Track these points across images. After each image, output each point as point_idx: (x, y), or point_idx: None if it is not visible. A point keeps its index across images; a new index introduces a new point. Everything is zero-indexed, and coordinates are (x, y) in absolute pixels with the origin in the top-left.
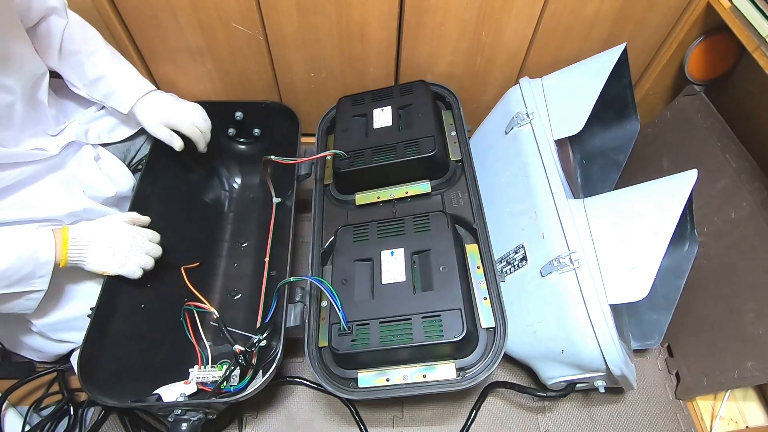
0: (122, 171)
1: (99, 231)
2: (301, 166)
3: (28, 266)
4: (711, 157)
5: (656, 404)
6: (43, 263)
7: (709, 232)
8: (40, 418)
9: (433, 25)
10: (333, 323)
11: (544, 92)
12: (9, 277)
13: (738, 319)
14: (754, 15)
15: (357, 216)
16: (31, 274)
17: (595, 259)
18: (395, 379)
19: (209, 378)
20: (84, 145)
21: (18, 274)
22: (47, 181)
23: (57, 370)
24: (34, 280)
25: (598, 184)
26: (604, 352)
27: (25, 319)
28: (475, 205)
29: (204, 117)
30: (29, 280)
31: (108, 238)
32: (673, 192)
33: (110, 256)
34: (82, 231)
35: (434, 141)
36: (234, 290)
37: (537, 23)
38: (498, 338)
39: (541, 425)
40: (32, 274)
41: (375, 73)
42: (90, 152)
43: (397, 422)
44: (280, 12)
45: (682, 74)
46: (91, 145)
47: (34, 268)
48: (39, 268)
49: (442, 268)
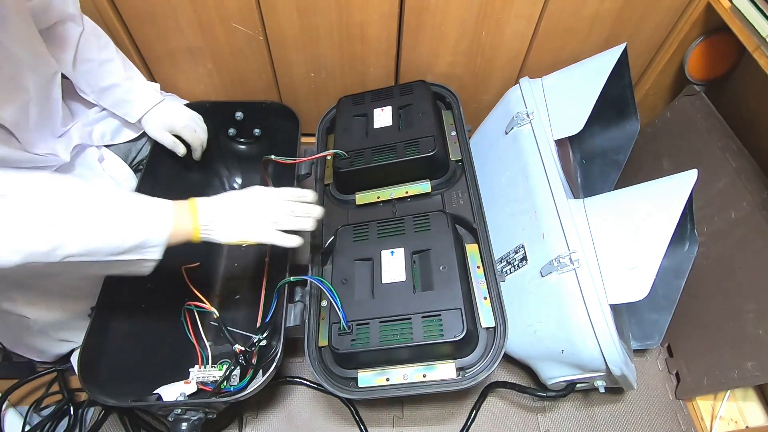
0: (126, 172)
1: (225, 201)
2: (301, 165)
3: (140, 237)
4: (711, 157)
5: (656, 404)
6: (156, 244)
7: (709, 232)
8: (40, 418)
9: (433, 26)
10: (333, 323)
11: (544, 92)
12: (119, 252)
13: (738, 319)
14: (754, 15)
15: (357, 216)
16: (144, 247)
17: (595, 259)
18: (395, 379)
19: (209, 378)
20: (88, 146)
21: (130, 251)
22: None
23: (57, 370)
24: (149, 250)
25: (598, 184)
26: (604, 352)
27: (25, 319)
28: (475, 205)
29: (203, 126)
30: (143, 249)
31: (234, 204)
32: (673, 192)
33: (240, 222)
34: (210, 205)
35: (434, 141)
36: (234, 290)
37: (537, 23)
38: (498, 338)
39: (541, 425)
40: (145, 247)
41: (375, 73)
42: (94, 154)
43: (397, 422)
44: (280, 12)
45: (682, 74)
46: (95, 146)
47: (148, 246)
48: (152, 246)
49: (442, 268)
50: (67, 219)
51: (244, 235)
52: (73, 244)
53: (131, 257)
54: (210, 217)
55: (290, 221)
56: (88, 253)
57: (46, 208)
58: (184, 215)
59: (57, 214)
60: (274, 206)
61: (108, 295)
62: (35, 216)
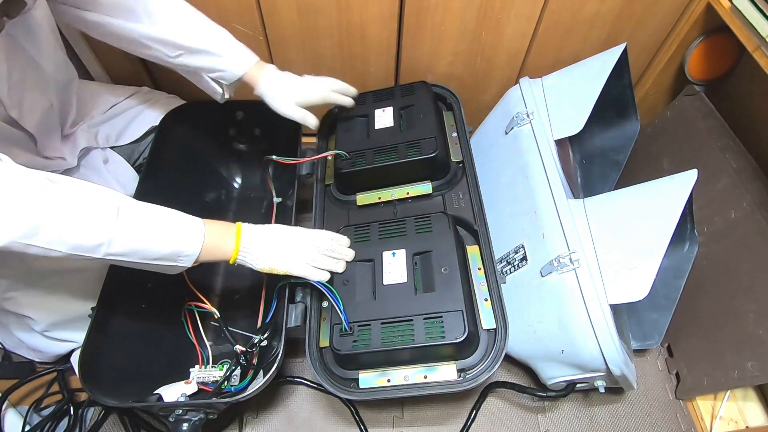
0: (130, 173)
1: (268, 232)
2: (302, 166)
3: (176, 247)
4: (711, 157)
5: (656, 404)
6: (187, 258)
7: (709, 232)
8: (40, 418)
9: (433, 26)
10: (335, 324)
11: (544, 92)
12: (150, 261)
13: (738, 319)
14: (754, 15)
15: (358, 216)
16: (177, 254)
17: (595, 259)
18: (396, 380)
19: (210, 378)
20: (94, 149)
21: (165, 252)
22: None
23: (57, 370)
24: (180, 258)
25: (598, 184)
26: (604, 352)
27: (26, 319)
28: (476, 207)
29: (332, 84)
30: (176, 258)
31: (278, 237)
32: (673, 192)
33: (279, 252)
34: (254, 229)
35: (436, 142)
36: (235, 290)
37: (537, 23)
38: (499, 339)
39: (541, 425)
40: (178, 254)
41: (375, 73)
42: (99, 156)
43: (397, 422)
44: (280, 12)
45: (682, 74)
46: (99, 148)
47: (180, 250)
48: (183, 257)
49: (444, 270)
50: (113, 219)
51: (277, 264)
52: (117, 243)
53: (164, 263)
54: (249, 242)
55: (324, 261)
56: (127, 254)
57: (94, 204)
58: (228, 237)
59: (104, 213)
60: (311, 245)
61: (108, 295)
62: (85, 210)
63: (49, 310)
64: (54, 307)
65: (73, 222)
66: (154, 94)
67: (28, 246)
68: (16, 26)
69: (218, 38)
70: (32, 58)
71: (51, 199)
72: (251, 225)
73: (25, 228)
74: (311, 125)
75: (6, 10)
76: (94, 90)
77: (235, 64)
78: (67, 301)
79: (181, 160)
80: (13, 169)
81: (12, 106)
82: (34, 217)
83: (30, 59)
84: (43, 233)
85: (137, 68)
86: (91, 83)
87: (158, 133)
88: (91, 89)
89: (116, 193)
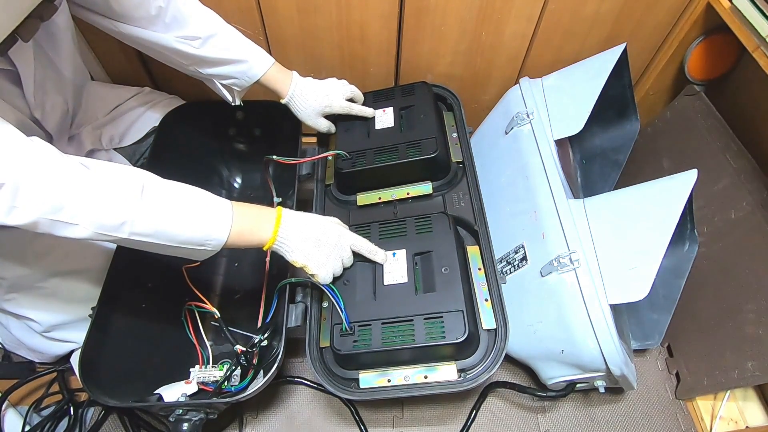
0: None
1: (309, 222)
2: (302, 166)
3: (204, 232)
4: (711, 157)
5: (656, 404)
6: (216, 239)
7: (709, 232)
8: (40, 418)
9: (433, 26)
10: (335, 324)
11: (544, 92)
12: (182, 236)
13: (738, 319)
14: (754, 15)
15: (358, 216)
16: (206, 239)
17: (595, 259)
18: (397, 380)
19: (210, 378)
20: (99, 151)
21: (191, 236)
22: None
23: (57, 370)
24: (208, 242)
25: (598, 184)
26: (604, 352)
27: (27, 320)
28: (477, 207)
29: (343, 89)
30: (204, 242)
31: (317, 230)
32: (673, 192)
33: (315, 249)
34: (294, 217)
35: (436, 142)
36: (235, 290)
37: (537, 23)
38: (499, 340)
39: (541, 425)
40: (206, 238)
41: (375, 73)
42: (103, 157)
43: (397, 422)
44: (280, 12)
45: (682, 74)
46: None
47: (208, 235)
48: (211, 240)
49: (444, 270)
50: (137, 197)
51: (309, 262)
52: (141, 223)
53: (191, 247)
54: (289, 230)
55: (341, 269)
56: (152, 235)
57: (119, 183)
58: (265, 223)
59: (129, 191)
60: (341, 253)
61: (109, 295)
62: (110, 189)
63: (50, 311)
64: (54, 308)
65: (98, 200)
66: (156, 95)
67: (54, 222)
68: (40, 31)
69: (235, 45)
70: (52, 61)
71: (80, 180)
72: (291, 211)
73: (51, 205)
74: (332, 132)
75: (41, 12)
76: (97, 91)
77: (251, 71)
78: (67, 303)
79: (181, 160)
80: (47, 150)
81: (36, 107)
82: (61, 195)
83: (50, 62)
84: (68, 210)
85: (137, 68)
86: (94, 84)
87: (158, 134)
88: (95, 90)
89: (143, 172)
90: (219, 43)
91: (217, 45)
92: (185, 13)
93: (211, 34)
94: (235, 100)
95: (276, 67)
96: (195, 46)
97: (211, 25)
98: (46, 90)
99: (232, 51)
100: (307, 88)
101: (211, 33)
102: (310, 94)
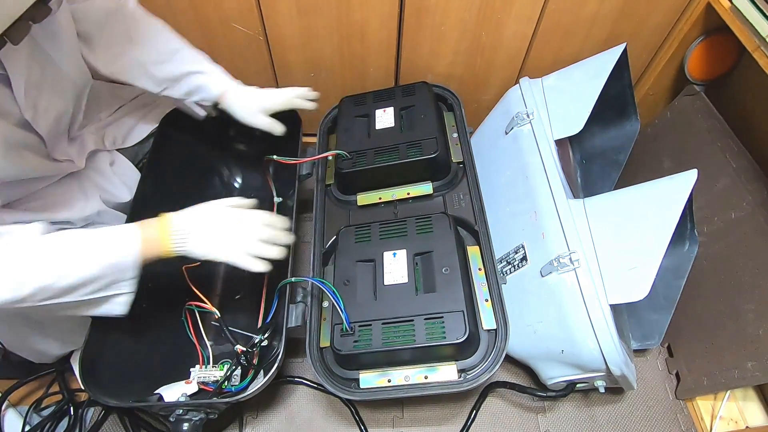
0: (135, 175)
1: (201, 216)
2: (302, 166)
3: (111, 274)
4: (711, 157)
5: (656, 404)
6: (127, 268)
7: (709, 232)
8: (40, 418)
9: (433, 26)
10: (335, 324)
11: (544, 92)
12: (93, 285)
13: (738, 319)
14: (754, 15)
15: (358, 216)
16: (117, 280)
17: (595, 259)
18: (397, 380)
19: (210, 378)
20: (101, 152)
21: (102, 281)
22: (64, 184)
23: (57, 370)
24: (121, 283)
25: (598, 184)
26: (604, 352)
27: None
28: (477, 208)
29: (294, 91)
30: (116, 284)
31: (210, 222)
32: (673, 192)
33: (214, 240)
34: (184, 218)
35: (436, 142)
36: (235, 290)
37: (537, 23)
38: (499, 340)
39: (541, 425)
40: (117, 279)
41: (375, 73)
42: (106, 158)
43: (397, 422)
44: (280, 12)
45: (682, 74)
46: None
47: (120, 275)
48: (123, 273)
49: (445, 270)
50: (30, 268)
51: (217, 253)
52: (41, 291)
53: (106, 287)
54: (185, 229)
55: (262, 248)
56: (57, 295)
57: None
58: (151, 228)
59: (21, 266)
60: (250, 231)
61: None
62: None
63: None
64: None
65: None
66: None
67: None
68: (39, 29)
69: (199, 68)
70: (53, 61)
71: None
72: (179, 212)
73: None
74: (278, 132)
75: (32, 14)
76: (101, 91)
77: (215, 88)
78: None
79: (182, 160)
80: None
81: (27, 108)
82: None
83: (51, 62)
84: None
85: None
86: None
87: (158, 134)
88: (98, 90)
89: (31, 232)
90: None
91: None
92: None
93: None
94: (210, 112)
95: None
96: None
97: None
98: (41, 90)
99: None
100: (246, 92)
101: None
102: (250, 96)
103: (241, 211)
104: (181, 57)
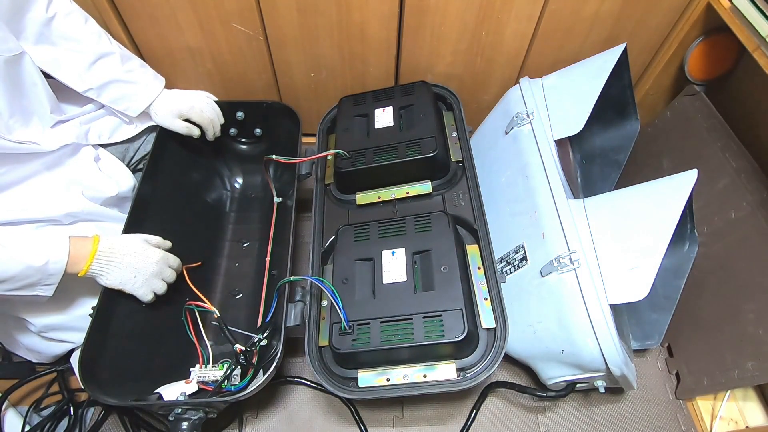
0: (123, 171)
1: (127, 250)
2: (302, 165)
3: (35, 276)
4: (711, 157)
5: (656, 404)
6: (51, 274)
7: (709, 232)
8: (40, 418)
9: (433, 26)
10: (334, 323)
11: (544, 92)
12: (14, 283)
13: (738, 319)
14: (754, 15)
15: (358, 216)
16: (37, 283)
17: (595, 259)
18: (396, 379)
19: (210, 377)
20: (84, 146)
21: (24, 281)
22: (44, 179)
23: (57, 370)
24: (41, 287)
25: (598, 184)
26: (604, 352)
27: (23, 319)
28: (476, 206)
29: (212, 105)
30: (35, 287)
31: (135, 259)
32: (673, 192)
33: (132, 277)
34: (111, 247)
35: (436, 142)
36: (235, 290)
37: (537, 23)
38: (498, 339)
39: (541, 425)
40: (38, 282)
41: (375, 73)
42: (90, 153)
43: (397, 422)
44: (280, 12)
45: (682, 74)
46: (91, 145)
47: (41, 278)
48: (46, 279)
49: (444, 269)
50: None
51: (125, 286)
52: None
53: (25, 287)
54: (108, 258)
55: (160, 286)
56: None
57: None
58: (81, 247)
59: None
60: (158, 271)
61: (109, 294)
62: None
63: (45, 312)
64: (51, 309)
65: None
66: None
67: None
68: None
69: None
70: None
71: None
72: (108, 238)
73: None
74: (195, 135)
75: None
76: None
77: (144, 96)
78: (62, 304)
79: (182, 160)
80: None
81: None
82: None
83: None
84: None
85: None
86: None
87: (159, 134)
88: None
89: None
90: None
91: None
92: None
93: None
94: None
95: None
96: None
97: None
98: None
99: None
100: (167, 96)
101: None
102: (170, 101)
103: (162, 254)
104: (109, 62)
